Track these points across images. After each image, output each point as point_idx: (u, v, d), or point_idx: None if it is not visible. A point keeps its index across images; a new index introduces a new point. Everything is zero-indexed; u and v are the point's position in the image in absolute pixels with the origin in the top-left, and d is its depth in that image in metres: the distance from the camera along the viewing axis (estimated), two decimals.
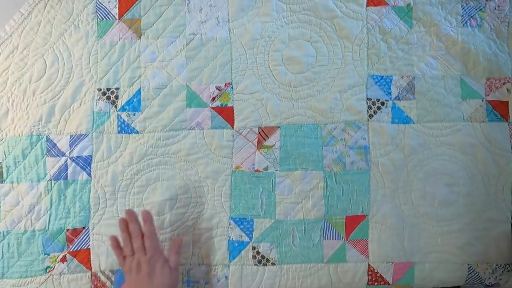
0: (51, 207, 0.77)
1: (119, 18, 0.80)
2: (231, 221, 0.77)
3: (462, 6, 0.79)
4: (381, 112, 0.78)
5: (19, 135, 0.78)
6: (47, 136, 0.78)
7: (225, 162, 0.77)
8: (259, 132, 0.78)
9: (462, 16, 0.79)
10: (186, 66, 0.79)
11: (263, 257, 0.76)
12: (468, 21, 0.79)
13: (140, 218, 0.71)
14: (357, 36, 0.79)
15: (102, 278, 0.76)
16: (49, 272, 0.76)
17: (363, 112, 0.78)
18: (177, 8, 0.80)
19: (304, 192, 0.76)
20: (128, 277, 0.68)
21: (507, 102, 0.78)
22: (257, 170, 0.77)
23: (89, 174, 0.77)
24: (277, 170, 0.77)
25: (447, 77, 0.78)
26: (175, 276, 0.69)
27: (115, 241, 0.70)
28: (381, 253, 0.75)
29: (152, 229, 0.70)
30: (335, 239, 0.76)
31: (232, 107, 0.78)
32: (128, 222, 0.70)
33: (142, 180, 0.77)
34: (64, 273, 0.76)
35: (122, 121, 0.78)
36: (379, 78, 0.79)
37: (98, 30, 0.80)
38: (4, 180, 0.77)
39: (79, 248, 0.76)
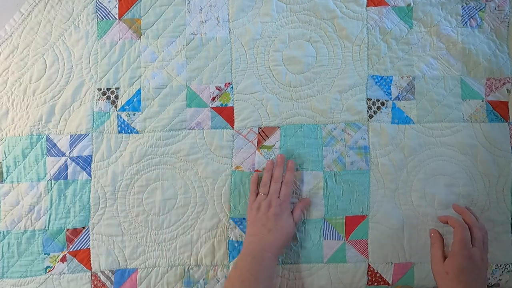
0: (51, 207, 0.77)
1: (119, 18, 0.80)
2: (231, 221, 0.77)
3: (462, 7, 0.79)
4: (381, 112, 0.78)
5: (19, 135, 0.78)
6: (47, 136, 0.78)
7: (225, 162, 0.77)
8: (259, 132, 0.78)
9: (462, 16, 0.79)
10: (186, 66, 0.79)
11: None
12: (468, 21, 0.79)
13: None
14: (357, 36, 0.79)
15: (102, 278, 0.76)
16: (49, 272, 0.76)
17: (363, 112, 0.78)
18: (177, 8, 0.80)
19: (304, 192, 0.76)
20: (254, 215, 0.71)
21: (507, 102, 0.78)
22: (257, 170, 0.77)
23: (89, 174, 0.77)
24: None
25: (447, 78, 0.78)
26: (294, 229, 0.72)
27: (256, 177, 0.75)
28: (381, 254, 0.75)
29: (292, 178, 0.74)
30: (335, 239, 0.76)
31: (232, 107, 0.78)
32: (276, 165, 0.75)
33: (142, 180, 0.77)
34: (64, 273, 0.76)
35: (122, 121, 0.78)
36: (379, 78, 0.79)
37: (98, 30, 0.80)
38: (4, 180, 0.77)
39: (79, 248, 0.76)
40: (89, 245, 0.76)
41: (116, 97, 0.79)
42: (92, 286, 0.76)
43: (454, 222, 0.68)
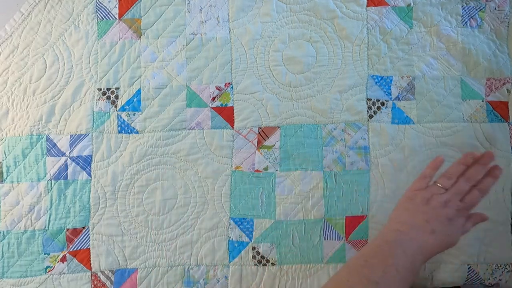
0: (51, 207, 0.77)
1: (119, 18, 0.80)
2: (231, 221, 0.77)
3: (462, 7, 0.79)
4: (381, 112, 0.78)
5: (19, 134, 0.78)
6: (47, 136, 0.78)
7: (225, 162, 0.77)
8: (259, 132, 0.78)
9: (462, 16, 0.79)
10: (186, 66, 0.79)
11: (263, 257, 0.76)
12: (468, 21, 0.79)
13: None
14: (357, 36, 0.79)
15: (102, 278, 0.76)
16: (49, 272, 0.76)
17: (363, 112, 0.78)
18: (177, 8, 0.80)
19: (304, 192, 0.76)
20: (417, 203, 0.58)
21: (507, 102, 0.78)
22: (257, 170, 0.77)
23: (89, 174, 0.77)
24: (277, 170, 0.77)
25: (447, 78, 0.78)
26: (454, 243, 0.58)
27: (439, 162, 0.62)
28: None
29: (491, 186, 0.61)
30: (335, 239, 0.76)
31: (232, 107, 0.78)
32: (473, 164, 0.61)
33: (142, 180, 0.77)
34: (64, 273, 0.76)
35: (122, 121, 0.78)
36: (379, 78, 0.79)
37: (98, 30, 0.80)
38: (4, 180, 0.77)
39: (79, 248, 0.76)
40: (89, 245, 0.76)
41: (116, 97, 0.79)
42: (92, 286, 0.76)
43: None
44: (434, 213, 0.56)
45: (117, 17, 0.80)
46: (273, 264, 0.76)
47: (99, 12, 0.80)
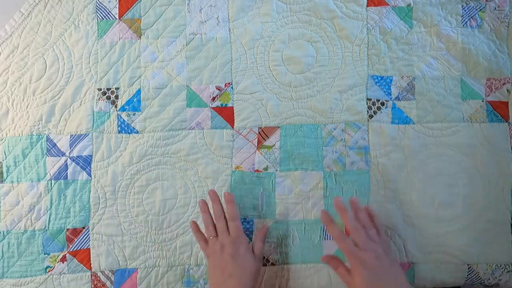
0: (51, 207, 0.77)
1: (119, 18, 0.80)
2: None
3: (462, 7, 0.79)
4: (381, 112, 0.78)
5: (19, 134, 0.78)
6: (47, 136, 0.78)
7: (225, 162, 0.77)
8: (259, 132, 0.78)
9: (462, 16, 0.79)
10: (186, 66, 0.79)
11: (263, 257, 0.76)
12: (468, 21, 0.79)
13: (223, 201, 0.71)
14: (357, 36, 0.79)
15: (102, 278, 0.76)
16: (49, 272, 0.76)
17: (363, 112, 0.78)
18: (177, 8, 0.80)
19: (304, 192, 0.76)
20: (212, 259, 0.66)
21: (507, 102, 0.78)
22: (257, 170, 0.77)
23: (89, 174, 0.77)
24: (277, 170, 0.77)
25: (447, 78, 0.78)
26: (258, 264, 0.67)
27: (196, 225, 0.71)
28: None
29: (235, 211, 0.69)
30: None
31: (232, 107, 0.78)
32: (212, 202, 0.71)
33: (142, 180, 0.77)
34: (64, 273, 0.76)
35: (122, 121, 0.78)
36: (379, 78, 0.79)
37: (98, 30, 0.80)
38: (4, 180, 0.77)
39: (79, 248, 0.76)
40: (89, 245, 0.76)
41: (116, 97, 0.79)
42: (92, 286, 0.76)
43: (331, 234, 0.65)
44: (221, 260, 0.65)
45: (117, 17, 0.80)
46: (273, 264, 0.76)
47: (99, 12, 0.80)
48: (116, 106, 0.78)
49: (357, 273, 0.61)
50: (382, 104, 0.78)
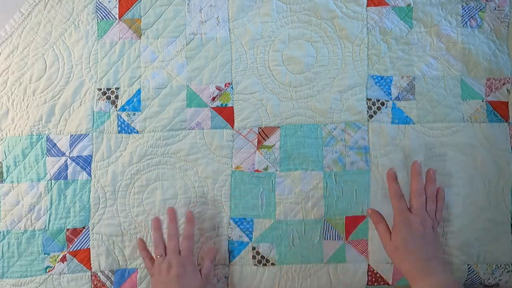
0: (51, 207, 0.77)
1: (119, 18, 0.80)
2: (231, 221, 0.77)
3: (462, 7, 0.79)
4: (381, 112, 0.78)
5: (19, 134, 0.78)
6: (47, 136, 0.78)
7: (225, 162, 0.77)
8: (259, 132, 0.78)
9: (462, 16, 0.79)
10: (186, 66, 0.79)
11: (263, 257, 0.76)
12: (468, 21, 0.79)
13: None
14: (357, 36, 0.79)
15: (102, 278, 0.76)
16: (49, 272, 0.76)
17: (363, 112, 0.78)
18: (177, 8, 0.80)
19: (304, 192, 0.76)
20: (156, 278, 0.66)
21: (507, 102, 0.78)
22: (257, 170, 0.77)
23: (89, 174, 0.77)
24: (277, 170, 0.77)
25: (447, 78, 0.78)
26: (205, 285, 0.67)
27: (142, 243, 0.72)
28: (381, 254, 0.75)
29: (192, 231, 0.70)
30: (335, 239, 0.76)
31: (232, 107, 0.78)
32: (168, 221, 0.70)
33: (142, 180, 0.77)
34: (64, 273, 0.76)
35: (122, 121, 0.78)
36: (379, 78, 0.79)
37: (98, 30, 0.80)
38: (4, 180, 0.77)
39: (79, 248, 0.76)
40: (89, 245, 0.76)
41: (116, 97, 0.79)
42: (92, 286, 0.76)
43: (390, 192, 0.69)
44: (167, 278, 0.64)
45: (117, 17, 0.80)
46: (273, 264, 0.76)
47: (99, 12, 0.80)
48: (116, 106, 0.78)
49: (398, 232, 0.64)
50: (382, 104, 0.78)
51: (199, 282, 0.66)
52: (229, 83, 0.79)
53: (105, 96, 0.79)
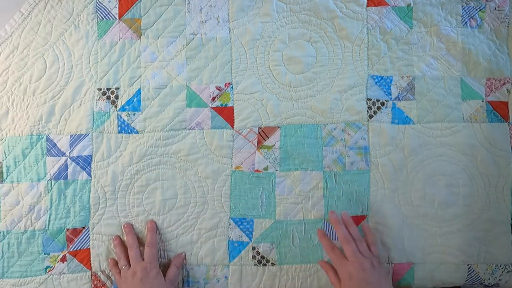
0: (51, 207, 0.77)
1: (119, 18, 0.80)
2: (231, 221, 0.77)
3: (462, 7, 0.79)
4: (381, 112, 0.78)
5: (19, 134, 0.78)
6: (47, 136, 0.78)
7: (225, 162, 0.77)
8: (259, 132, 0.78)
9: (462, 16, 0.79)
10: (186, 66, 0.79)
11: (262, 257, 0.76)
12: (468, 21, 0.79)
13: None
14: (357, 36, 0.79)
15: (102, 277, 0.76)
16: (49, 271, 0.76)
17: (363, 112, 0.78)
18: (177, 8, 0.80)
19: (304, 192, 0.76)
20: (122, 286, 0.69)
21: (507, 102, 0.78)
22: (257, 170, 0.77)
23: (89, 174, 0.77)
24: (277, 170, 0.77)
25: (447, 78, 0.78)
26: None
27: (113, 261, 0.74)
28: (380, 254, 0.75)
29: (155, 239, 0.73)
30: (335, 239, 0.76)
31: (232, 107, 0.78)
32: (125, 234, 0.74)
33: (142, 180, 0.77)
34: (64, 273, 0.76)
35: (122, 121, 0.78)
36: (379, 78, 0.79)
37: (98, 30, 0.80)
38: (4, 180, 0.77)
39: (79, 248, 0.76)
40: (89, 245, 0.76)
41: (116, 97, 0.79)
42: (92, 286, 0.76)
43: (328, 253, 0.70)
44: (131, 283, 0.68)
45: (117, 17, 0.80)
46: (273, 264, 0.76)
47: (99, 12, 0.80)
48: (116, 106, 0.78)
49: (343, 283, 0.66)
50: (382, 104, 0.78)
51: (163, 285, 0.69)
52: (229, 83, 0.79)
53: (105, 96, 0.79)
